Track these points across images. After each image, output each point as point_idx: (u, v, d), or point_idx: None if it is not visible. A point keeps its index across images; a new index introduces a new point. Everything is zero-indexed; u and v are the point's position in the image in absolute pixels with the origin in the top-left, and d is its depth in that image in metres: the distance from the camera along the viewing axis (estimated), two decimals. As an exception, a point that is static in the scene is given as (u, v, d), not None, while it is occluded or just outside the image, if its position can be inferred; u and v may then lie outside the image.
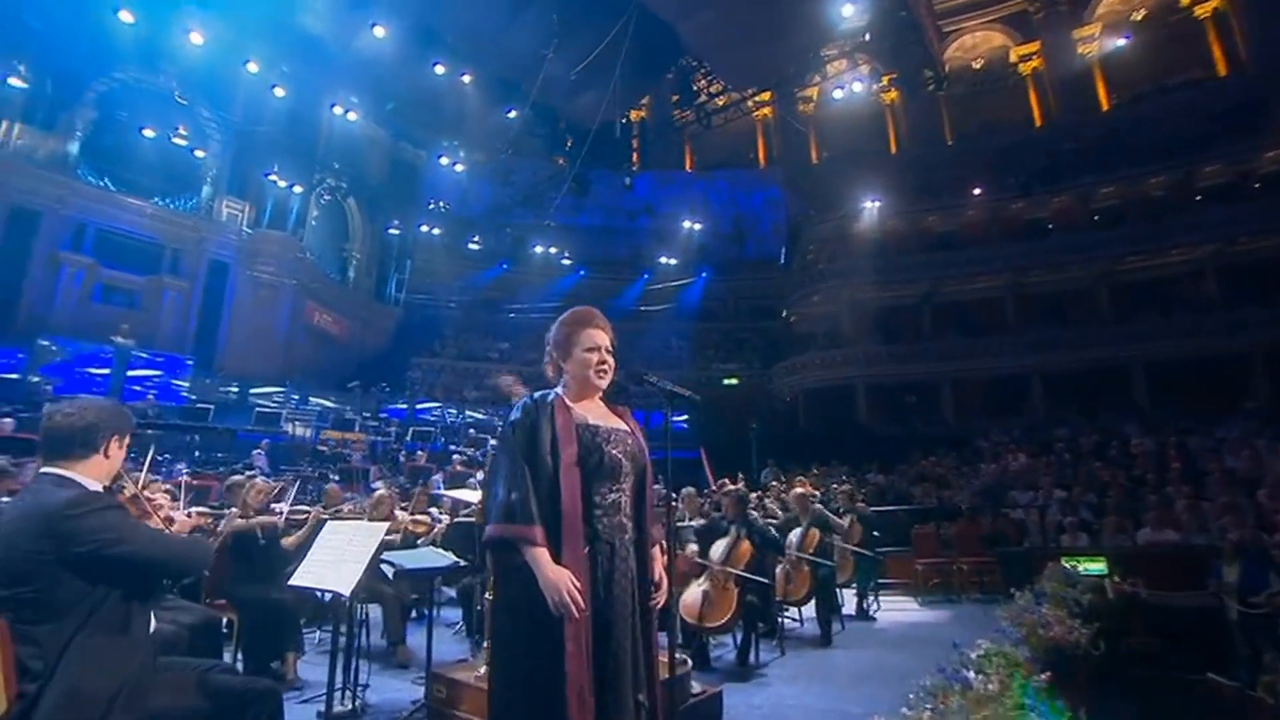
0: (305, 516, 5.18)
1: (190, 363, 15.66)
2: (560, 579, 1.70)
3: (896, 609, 7.46)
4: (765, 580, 5.04)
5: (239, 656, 4.37)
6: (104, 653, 1.79)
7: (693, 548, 5.29)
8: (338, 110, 16.94)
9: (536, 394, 1.93)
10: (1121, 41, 20.58)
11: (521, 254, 24.20)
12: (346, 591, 3.46)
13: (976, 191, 20.93)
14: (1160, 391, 16.12)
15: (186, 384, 15.19)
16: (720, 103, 20.75)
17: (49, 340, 13.81)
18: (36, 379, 13.09)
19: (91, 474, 1.93)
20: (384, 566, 4.24)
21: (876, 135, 24.23)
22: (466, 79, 15.74)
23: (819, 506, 6.25)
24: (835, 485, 8.84)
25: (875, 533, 7.37)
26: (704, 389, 22.11)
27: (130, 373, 14.47)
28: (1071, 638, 2.71)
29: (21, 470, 5.34)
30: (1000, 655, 2.08)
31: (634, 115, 25.64)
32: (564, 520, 1.76)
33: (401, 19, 13.73)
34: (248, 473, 11.46)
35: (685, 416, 20.12)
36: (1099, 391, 16.66)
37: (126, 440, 2.04)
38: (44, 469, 1.92)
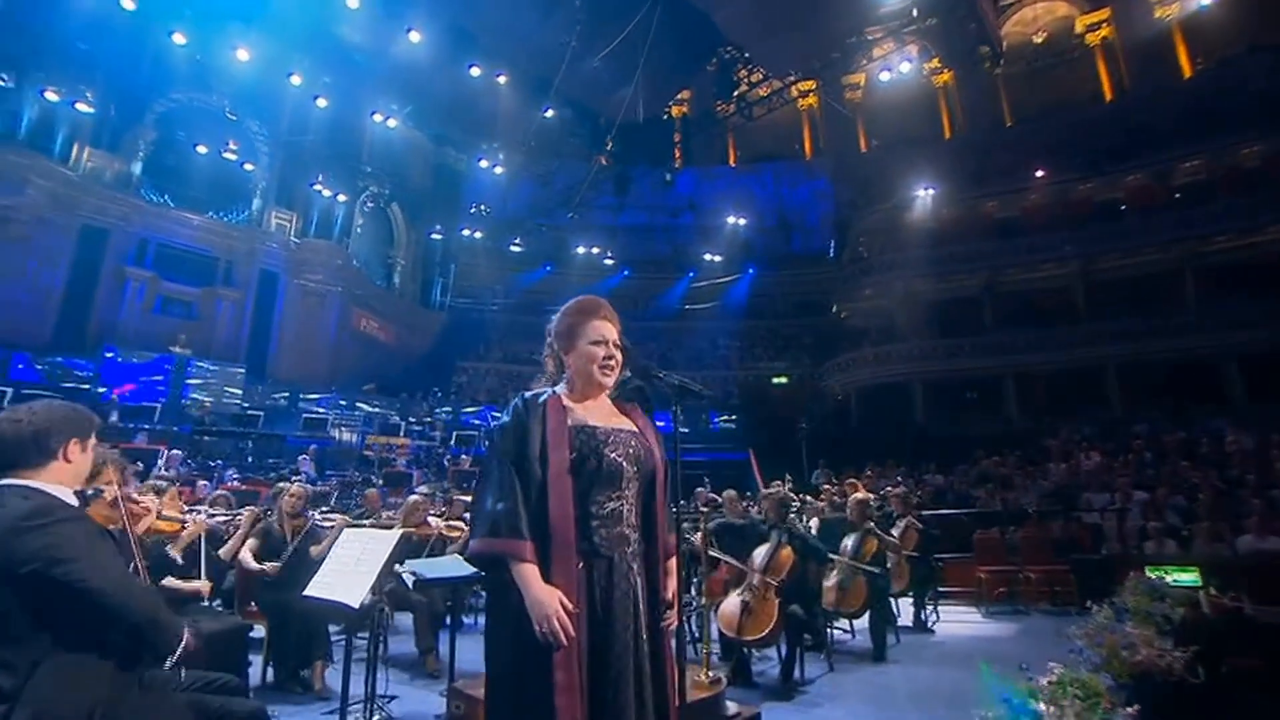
0: (335, 523, 5.15)
1: (242, 370, 16.24)
2: (547, 600, 1.56)
3: (957, 620, 7.01)
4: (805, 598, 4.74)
5: (269, 664, 4.38)
6: (77, 673, 1.69)
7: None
8: (378, 118, 17.33)
9: (528, 393, 1.79)
10: (1206, 1, 19.12)
11: (564, 255, 24.31)
12: (355, 604, 3.36)
13: (1039, 174, 19.87)
14: (1256, 384, 14.84)
15: (239, 391, 15.71)
16: (762, 92, 20.36)
17: (115, 351, 14.56)
18: (103, 389, 13.78)
19: (57, 481, 1.82)
20: (406, 575, 4.15)
21: (928, 120, 23.36)
22: (502, 80, 15.87)
23: (871, 525, 5.87)
24: (889, 488, 8.40)
25: (934, 535, 6.95)
26: (752, 388, 22.18)
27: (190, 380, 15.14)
28: (1163, 662, 2.35)
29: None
30: (1077, 684, 1.79)
31: (675, 111, 25.57)
32: (552, 533, 1.62)
33: (435, 23, 13.93)
34: (294, 478, 11.84)
35: (732, 416, 19.96)
36: (1183, 385, 15.53)
37: (90, 442, 1.93)
38: (2, 481, 1.80)
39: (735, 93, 20.00)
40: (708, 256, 24.33)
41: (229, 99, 16.25)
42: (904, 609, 6.66)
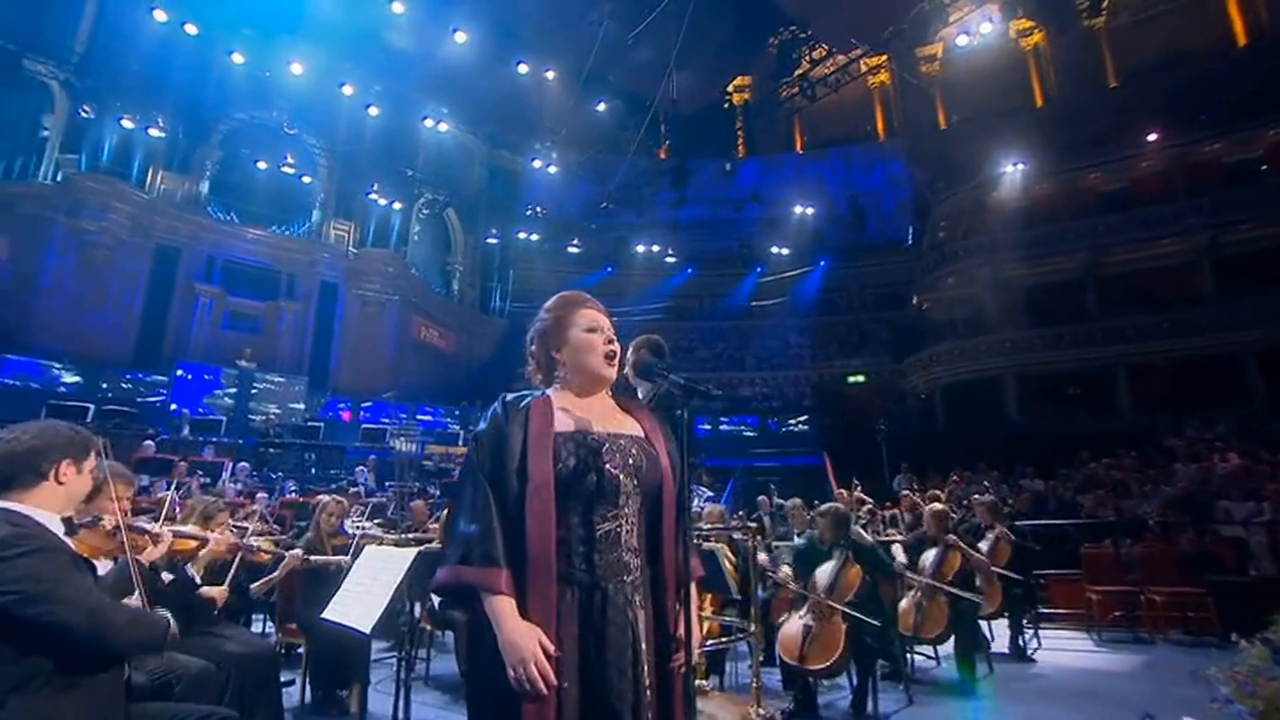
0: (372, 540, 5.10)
1: (305, 382, 16.96)
2: (522, 641, 1.39)
3: (1063, 648, 6.34)
4: (873, 621, 4.32)
5: (308, 684, 4.37)
6: (45, 713, 1.65)
7: (786, 570, 4.76)
8: (429, 123, 17.81)
9: (511, 396, 1.62)
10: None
11: (624, 255, 24.35)
12: (366, 629, 3.28)
13: (1152, 137, 18.23)
14: None
15: (301, 406, 16.41)
16: (827, 70, 19.64)
17: (186, 367, 15.53)
18: (174, 405, 14.69)
19: (44, 504, 1.82)
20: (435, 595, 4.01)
21: (1016, 87, 21.98)
22: (550, 75, 15.97)
23: (952, 537, 5.36)
24: (977, 496, 7.74)
25: (1032, 549, 6.31)
26: (826, 388, 21.70)
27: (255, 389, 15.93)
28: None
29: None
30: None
31: (736, 99, 25.22)
32: (529, 560, 1.45)
33: (480, 21, 14.17)
34: (351, 490, 12.19)
35: (805, 418, 19.68)
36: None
37: (88, 464, 1.93)
38: None
39: (796, 72, 19.36)
40: (776, 250, 23.81)
41: (286, 114, 17.09)
42: (999, 633, 6.07)
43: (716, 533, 5.08)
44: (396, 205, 19.60)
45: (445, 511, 6.32)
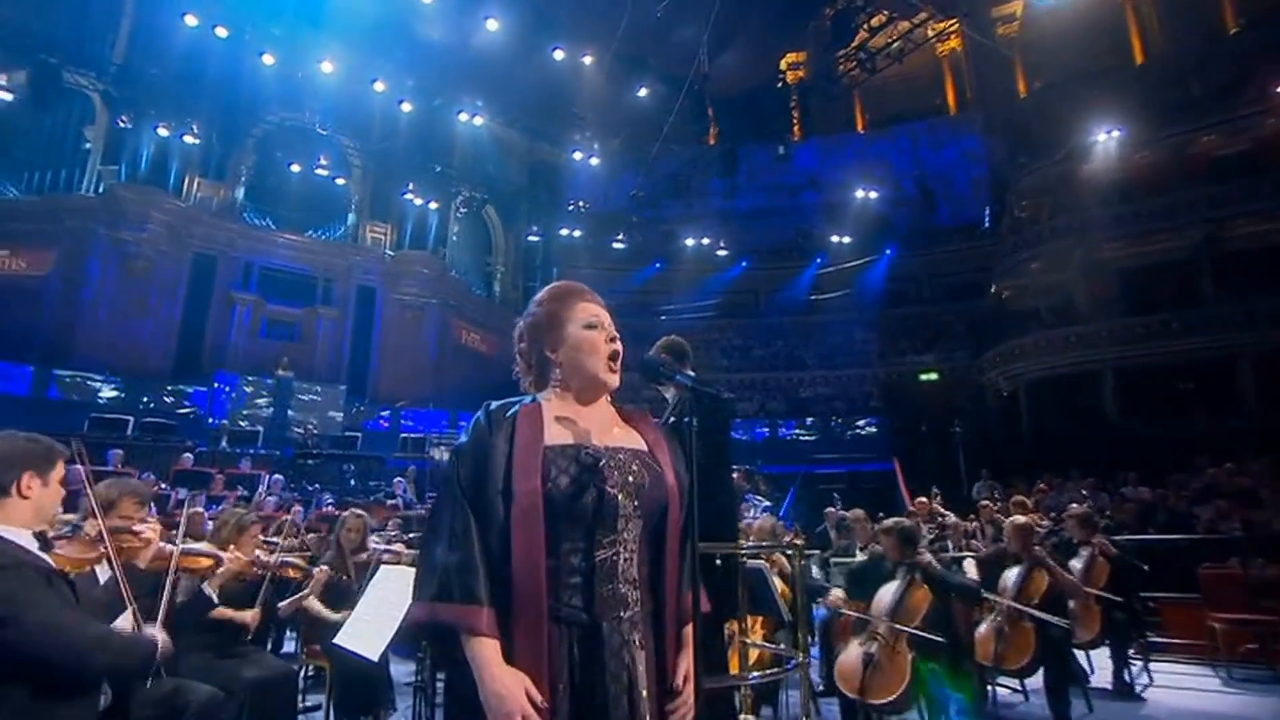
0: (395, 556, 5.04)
1: (344, 390, 17.39)
2: (507, 691, 1.32)
3: (1180, 684, 5.74)
4: (941, 640, 3.99)
5: (331, 709, 4.36)
6: None
7: (839, 594, 4.47)
8: (464, 117, 18.08)
9: (496, 404, 1.53)
10: None
11: (672, 249, 24.25)
12: (374, 656, 3.23)
13: (1280, 90, 16.82)
14: None
15: (340, 415, 16.81)
16: (890, 38, 18.96)
17: (224, 378, 16.17)
18: (213, 416, 15.25)
19: (10, 520, 1.86)
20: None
21: (1111, 44, 20.78)
22: (588, 60, 15.95)
23: (1038, 553, 4.92)
24: (1071, 506, 7.18)
25: (1137, 568, 5.76)
26: (895, 387, 21.33)
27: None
28: None
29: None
30: None
31: (791, 77, 24.75)
32: (515, 595, 1.37)
33: (512, 7, 14.23)
34: (389, 502, 12.34)
35: (872, 420, 19.50)
36: None
37: (54, 474, 1.97)
38: None
39: (854, 44, 18.75)
40: (836, 238, 23.32)
41: (319, 114, 17.66)
42: (1101, 665, 5.55)
43: (765, 549, 4.81)
44: (433, 205, 19.95)
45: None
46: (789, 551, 4.78)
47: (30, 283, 15.48)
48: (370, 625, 3.43)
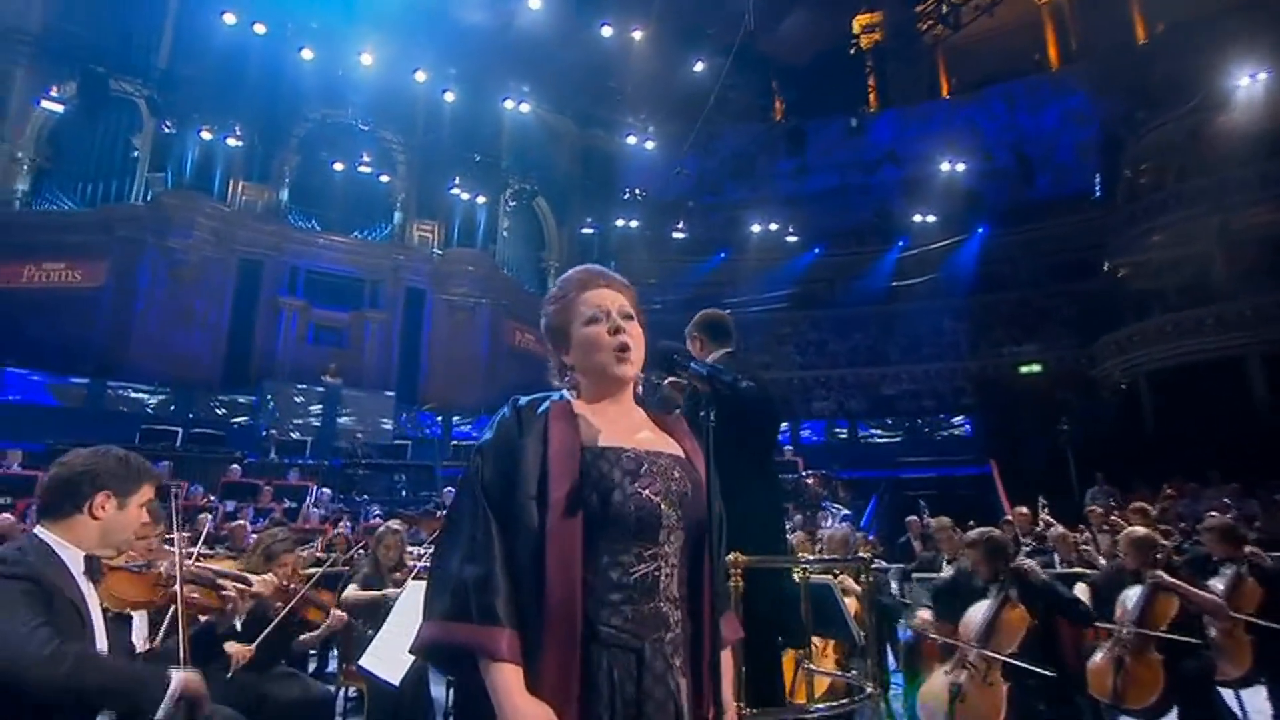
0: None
1: (392, 396, 17.86)
2: None
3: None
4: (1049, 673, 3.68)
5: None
6: None
7: (926, 614, 4.26)
8: (509, 104, 18.28)
9: (525, 399, 1.53)
10: None
11: (738, 237, 24.10)
12: (395, 680, 3.17)
13: None
14: None
15: (390, 424, 17.24)
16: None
17: (272, 386, 16.83)
18: (262, 426, 15.86)
19: (76, 538, 1.93)
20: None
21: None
22: (638, 35, 15.88)
23: (1160, 574, 4.48)
24: (1210, 516, 6.56)
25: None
26: (991, 381, 20.81)
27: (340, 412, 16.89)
28: None
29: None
30: None
31: (865, 41, 24.19)
32: (548, 614, 1.34)
33: (553, -21, 14.22)
34: (439, 514, 12.49)
35: (965, 419, 19.17)
36: None
37: (135, 498, 2.03)
38: (34, 529, 1.98)
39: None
40: (920, 218, 22.75)
41: (360, 110, 18.20)
42: (1255, 707, 4.98)
43: (826, 563, 4.59)
44: (481, 199, 20.32)
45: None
46: (866, 564, 4.55)
47: (86, 294, 16.52)
48: (395, 646, 3.42)
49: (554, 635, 1.33)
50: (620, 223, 23.10)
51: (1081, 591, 4.57)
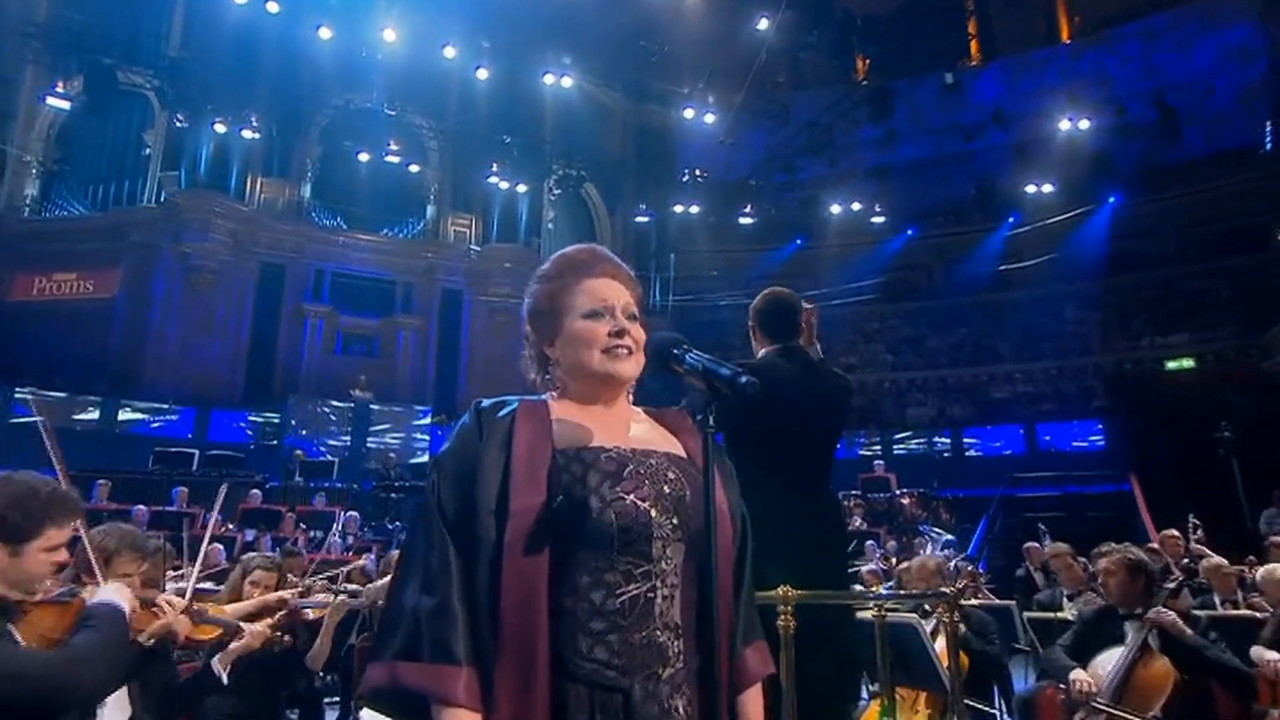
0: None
1: (429, 411, 18.25)
2: None
3: None
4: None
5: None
6: None
7: (1083, 675, 3.88)
8: (550, 80, 18.47)
9: (487, 402, 1.55)
10: None
11: (815, 221, 23.76)
12: None
13: None
14: None
15: (426, 438, 17.57)
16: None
17: (296, 402, 17.37)
18: (285, 446, 16.33)
19: None
20: None
21: None
22: (694, -9, 15.69)
23: None
24: None
25: None
26: (1129, 380, 19.95)
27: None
28: None
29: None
30: None
31: (966, -18, 23.64)
32: (501, 647, 1.33)
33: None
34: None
35: (1097, 426, 18.53)
36: None
37: (33, 546, 2.02)
38: None
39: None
40: (1034, 189, 22.03)
41: (386, 93, 18.71)
42: None
43: (904, 597, 4.35)
44: (522, 188, 20.62)
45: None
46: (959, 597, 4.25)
47: (99, 305, 17.44)
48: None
49: (511, 670, 1.32)
50: (679, 209, 23.06)
51: (1257, 653, 3.99)
